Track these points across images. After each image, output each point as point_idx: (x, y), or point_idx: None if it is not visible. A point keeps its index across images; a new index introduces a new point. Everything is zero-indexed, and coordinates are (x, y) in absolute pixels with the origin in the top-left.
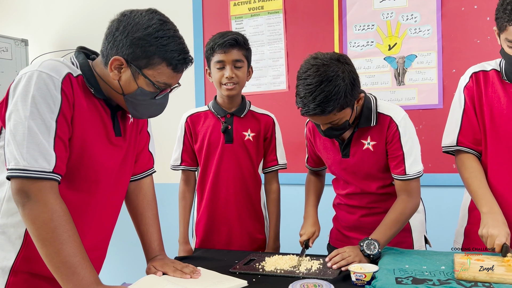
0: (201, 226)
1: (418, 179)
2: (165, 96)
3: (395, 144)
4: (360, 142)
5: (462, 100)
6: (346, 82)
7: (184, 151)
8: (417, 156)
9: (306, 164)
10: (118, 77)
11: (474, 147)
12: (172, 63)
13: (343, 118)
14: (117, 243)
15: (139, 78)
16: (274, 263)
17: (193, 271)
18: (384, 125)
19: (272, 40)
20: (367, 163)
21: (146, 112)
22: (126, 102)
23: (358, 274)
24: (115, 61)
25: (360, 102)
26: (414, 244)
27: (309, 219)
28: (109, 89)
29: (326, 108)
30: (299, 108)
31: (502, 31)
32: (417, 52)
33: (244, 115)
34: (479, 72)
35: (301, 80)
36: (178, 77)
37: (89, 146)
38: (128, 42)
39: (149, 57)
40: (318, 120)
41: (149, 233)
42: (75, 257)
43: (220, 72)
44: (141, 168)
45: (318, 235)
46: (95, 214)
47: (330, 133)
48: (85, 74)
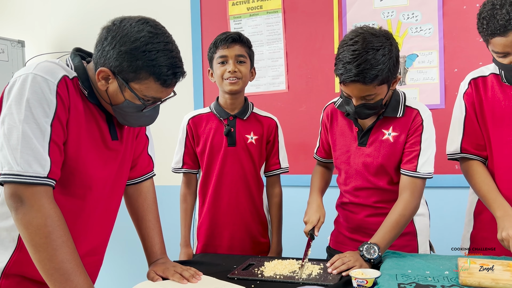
0: (203, 231)
1: (425, 181)
2: (155, 108)
3: (415, 137)
4: (380, 132)
5: (463, 107)
6: (392, 56)
7: (186, 153)
8: (431, 157)
9: (315, 154)
10: (106, 87)
11: (478, 153)
12: (160, 79)
13: (378, 95)
14: (117, 248)
15: (125, 91)
16: (273, 268)
17: (193, 275)
18: (409, 117)
19: (271, 40)
20: (383, 154)
21: (135, 122)
22: (114, 112)
23: (359, 280)
24: (102, 72)
25: (395, 85)
26: (419, 248)
27: (313, 204)
28: (99, 96)
29: (369, 76)
30: (338, 76)
31: (488, 44)
32: (418, 52)
33: (247, 118)
34: (477, 78)
35: (346, 47)
36: (168, 91)
37: (85, 151)
38: (115, 54)
39: (136, 72)
40: (354, 91)
41: (150, 237)
42: (68, 264)
43: (223, 67)
44: (141, 171)
45: (323, 221)
46: (90, 219)
47: (361, 111)
48: (80, 76)
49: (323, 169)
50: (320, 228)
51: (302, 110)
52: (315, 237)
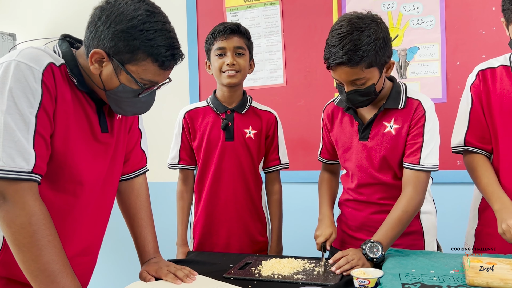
0: (199, 228)
1: (429, 174)
2: (151, 93)
3: (418, 129)
4: (382, 125)
5: (470, 99)
6: (379, 37)
7: (182, 148)
8: (435, 149)
9: (320, 156)
10: (99, 71)
11: (482, 147)
12: (158, 60)
13: (369, 80)
14: (112, 247)
15: (121, 74)
16: (271, 268)
17: (187, 274)
18: (411, 109)
19: (268, 32)
20: (385, 148)
21: (130, 110)
22: (108, 98)
23: (361, 280)
24: (96, 54)
25: (389, 72)
26: (426, 248)
27: (325, 220)
28: (91, 82)
29: (354, 57)
30: (326, 62)
31: (510, 23)
32: (420, 44)
33: (245, 112)
34: (486, 69)
35: (333, 31)
36: (166, 74)
37: (73, 143)
38: (110, 34)
39: (133, 52)
40: (342, 75)
41: (142, 235)
42: (55, 264)
43: (221, 60)
44: (133, 166)
45: (336, 237)
46: (82, 216)
47: (353, 98)
48: (68, 63)
49: (329, 176)
50: (332, 242)
51: (301, 104)
52: (327, 250)
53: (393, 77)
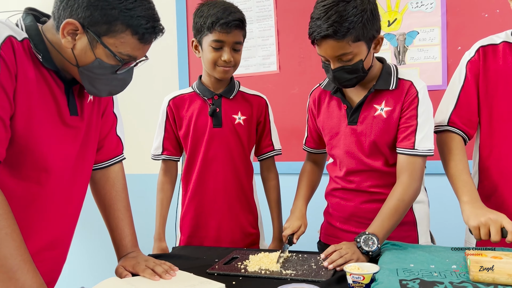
0: (186, 221)
1: (425, 159)
2: (129, 70)
3: (411, 111)
4: (372, 107)
5: (463, 75)
6: (366, 8)
7: (165, 138)
8: (429, 132)
9: (304, 145)
10: (72, 45)
11: (465, 129)
12: (138, 32)
13: (356, 55)
14: (85, 240)
15: (97, 48)
16: (258, 262)
17: (167, 270)
18: (403, 90)
19: (261, 17)
20: (375, 132)
21: (104, 88)
22: (80, 76)
23: (355, 275)
24: (68, 25)
25: (378, 48)
26: (420, 239)
27: (296, 212)
28: (61, 59)
29: (340, 29)
30: (310, 37)
31: None
32: (419, 28)
33: (234, 97)
34: (487, 45)
35: (317, 4)
36: (145, 49)
37: (37, 126)
38: (85, 2)
39: (110, 23)
40: (328, 50)
41: (119, 228)
42: (13, 260)
43: (217, 53)
44: (108, 154)
45: (304, 231)
46: (48, 207)
47: (340, 76)
48: (32, 38)
49: (311, 167)
50: (299, 236)
51: (295, 92)
52: (293, 244)
53: (383, 58)
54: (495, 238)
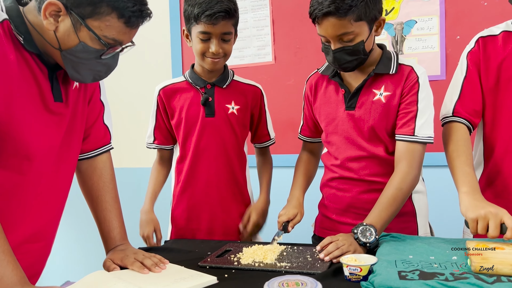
0: (178, 213)
1: (424, 147)
2: (114, 56)
3: (411, 96)
4: (371, 92)
5: (464, 67)
6: None
7: (156, 128)
8: (430, 119)
9: (300, 134)
10: (55, 27)
11: (470, 119)
12: (124, 15)
13: (358, 36)
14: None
15: (81, 30)
16: (252, 255)
17: (157, 263)
18: (403, 75)
19: (256, 6)
20: (374, 117)
21: (88, 74)
22: (63, 60)
23: (352, 267)
24: (51, 5)
25: (379, 31)
26: (419, 230)
27: (293, 201)
28: (44, 42)
29: (342, 6)
30: (311, 16)
31: None
32: (417, 17)
33: (227, 86)
34: (487, 36)
35: None
36: (131, 33)
37: (18, 112)
38: None
39: (95, 5)
40: (329, 29)
41: (107, 220)
42: None
43: (204, 44)
44: (95, 143)
45: (300, 220)
46: (30, 197)
47: (340, 57)
48: (13, 19)
49: (308, 156)
50: (295, 225)
51: (290, 84)
52: (288, 232)
53: (383, 44)
54: (493, 233)
